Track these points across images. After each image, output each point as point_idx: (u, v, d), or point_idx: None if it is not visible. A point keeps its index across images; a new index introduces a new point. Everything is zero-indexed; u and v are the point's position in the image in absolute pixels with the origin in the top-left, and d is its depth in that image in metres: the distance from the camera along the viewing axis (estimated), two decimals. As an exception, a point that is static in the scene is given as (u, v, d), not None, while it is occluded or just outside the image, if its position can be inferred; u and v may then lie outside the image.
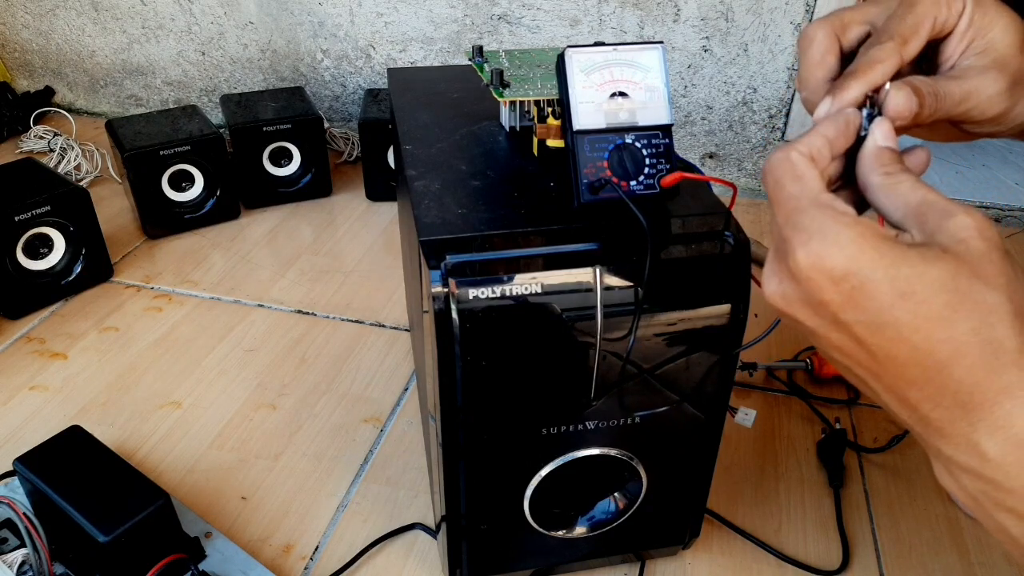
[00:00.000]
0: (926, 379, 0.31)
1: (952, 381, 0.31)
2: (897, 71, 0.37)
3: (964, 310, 0.30)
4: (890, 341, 0.31)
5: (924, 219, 0.32)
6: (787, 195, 0.33)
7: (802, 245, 0.32)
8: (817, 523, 0.65)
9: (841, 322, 0.32)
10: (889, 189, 0.34)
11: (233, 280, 0.97)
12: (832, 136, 0.35)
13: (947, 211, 0.31)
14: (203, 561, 0.59)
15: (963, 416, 0.31)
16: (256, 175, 1.10)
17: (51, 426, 0.74)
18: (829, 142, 0.35)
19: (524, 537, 0.54)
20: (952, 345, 0.30)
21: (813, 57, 0.39)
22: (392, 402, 0.78)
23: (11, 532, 0.59)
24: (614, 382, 0.47)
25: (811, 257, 0.31)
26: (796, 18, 1.05)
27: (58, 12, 1.35)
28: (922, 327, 0.30)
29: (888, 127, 0.35)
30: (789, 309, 0.34)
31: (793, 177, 0.34)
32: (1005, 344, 0.30)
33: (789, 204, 0.33)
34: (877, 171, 0.34)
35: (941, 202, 0.32)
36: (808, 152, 0.34)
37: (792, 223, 0.32)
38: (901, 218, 0.33)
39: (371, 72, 1.27)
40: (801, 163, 0.34)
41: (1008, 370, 0.30)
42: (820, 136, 0.35)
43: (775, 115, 1.13)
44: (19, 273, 0.88)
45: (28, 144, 1.27)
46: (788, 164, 0.34)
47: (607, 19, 1.12)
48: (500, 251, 0.44)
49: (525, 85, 0.54)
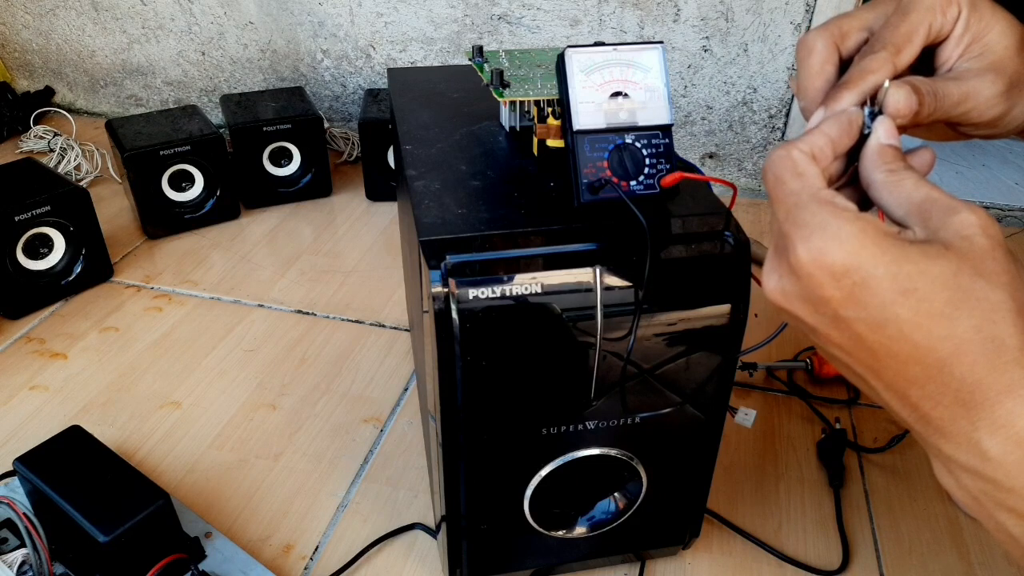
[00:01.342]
0: (927, 377, 0.31)
1: (953, 379, 0.30)
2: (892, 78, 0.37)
3: (966, 308, 0.30)
4: (891, 338, 0.31)
5: (927, 216, 0.32)
6: (788, 191, 0.33)
7: (803, 241, 0.31)
8: (817, 523, 0.65)
9: (841, 319, 0.32)
10: (893, 186, 0.33)
11: (233, 280, 0.97)
12: (835, 135, 0.35)
13: (951, 208, 0.31)
14: (203, 561, 0.59)
15: (964, 415, 0.31)
16: (256, 175, 1.10)
17: (51, 426, 0.74)
18: (832, 141, 0.35)
19: (524, 537, 0.54)
20: (953, 343, 0.30)
21: (812, 67, 0.39)
22: (392, 402, 0.78)
23: (11, 532, 0.59)
24: (614, 382, 0.47)
25: (812, 253, 0.31)
26: (796, 18, 1.05)
27: (58, 12, 1.35)
28: (923, 324, 0.30)
29: (891, 125, 0.35)
30: (789, 306, 0.33)
31: (794, 174, 0.33)
32: (1007, 342, 0.30)
33: (789, 200, 0.33)
34: (880, 168, 0.34)
35: (945, 199, 0.32)
36: (810, 150, 0.34)
37: (793, 219, 0.32)
38: (904, 215, 0.33)
39: (371, 72, 1.27)
40: (802, 160, 0.34)
41: (1010, 368, 0.30)
42: (823, 135, 0.35)
43: (775, 115, 1.13)
44: (19, 273, 0.88)
45: (28, 144, 1.27)
46: (789, 161, 0.34)
47: (607, 19, 1.12)
48: (500, 251, 0.44)
49: (525, 85, 0.54)
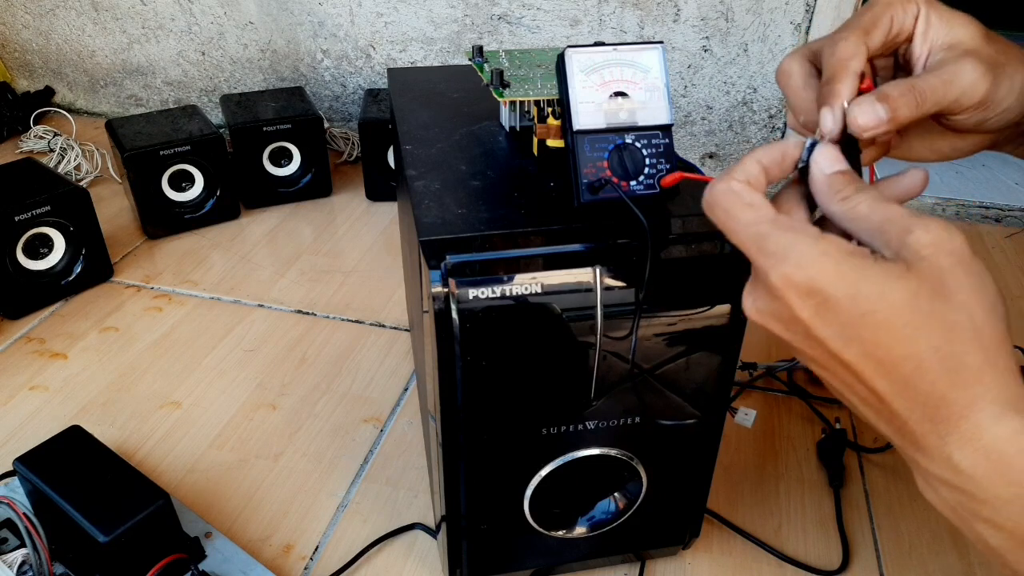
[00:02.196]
0: (895, 392, 0.32)
1: (920, 395, 0.31)
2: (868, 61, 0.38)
3: (925, 328, 0.31)
4: (857, 356, 0.32)
5: (888, 236, 0.32)
6: (744, 223, 0.34)
7: (773, 268, 0.33)
8: (817, 523, 0.65)
9: (813, 336, 0.33)
10: (849, 214, 0.34)
11: (233, 280, 0.97)
12: (767, 163, 0.36)
13: (906, 227, 0.32)
14: (203, 561, 0.59)
15: (933, 429, 0.31)
16: (256, 175, 1.10)
17: (51, 426, 0.74)
18: (764, 168, 0.36)
19: (524, 537, 0.54)
20: (914, 362, 0.31)
21: (797, 83, 0.40)
22: (392, 402, 0.78)
23: (11, 532, 0.59)
24: (614, 382, 0.47)
25: (782, 276, 0.32)
26: (796, 18, 1.05)
27: (58, 12, 1.35)
28: (883, 343, 0.31)
29: (830, 151, 0.36)
30: (764, 323, 0.35)
31: (743, 206, 0.34)
32: (966, 360, 0.30)
33: (749, 231, 0.34)
34: (833, 200, 0.35)
35: (900, 218, 0.32)
36: (746, 179, 0.35)
37: (761, 249, 0.33)
38: (869, 239, 0.33)
39: (371, 72, 1.27)
40: (746, 192, 0.35)
41: (971, 385, 0.30)
42: (754, 163, 0.36)
43: (775, 115, 1.13)
44: (19, 273, 0.88)
45: (28, 144, 1.27)
46: (732, 195, 0.35)
47: (607, 19, 1.12)
48: (500, 251, 0.44)
49: (525, 85, 0.54)
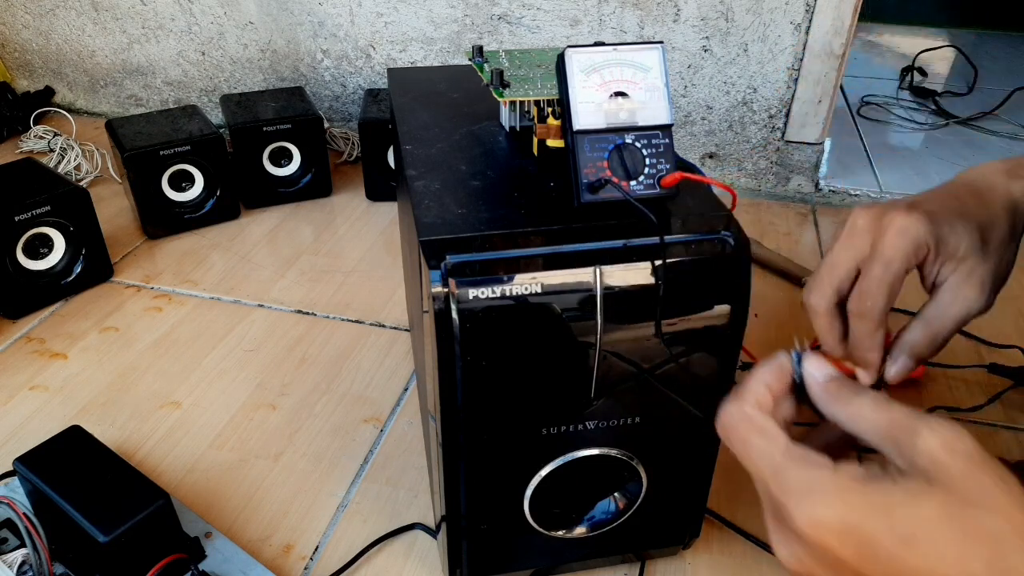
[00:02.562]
0: None
1: None
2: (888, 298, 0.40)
3: (970, 543, 0.30)
4: None
5: (897, 442, 0.32)
6: (759, 453, 0.34)
7: (796, 508, 0.32)
8: (817, 523, 0.65)
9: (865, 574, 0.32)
10: (854, 419, 0.34)
11: (233, 280, 0.97)
12: (770, 381, 0.37)
13: (913, 430, 0.31)
14: (203, 561, 0.59)
15: None
16: (256, 175, 1.10)
17: (51, 426, 0.74)
18: (769, 387, 0.37)
19: (524, 537, 0.54)
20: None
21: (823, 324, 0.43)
22: (392, 402, 0.78)
23: (11, 532, 0.59)
24: (614, 382, 0.47)
25: (807, 519, 0.32)
26: (796, 18, 1.05)
27: (58, 12, 1.35)
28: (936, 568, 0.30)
29: (817, 360, 0.37)
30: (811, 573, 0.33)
31: (758, 432, 0.35)
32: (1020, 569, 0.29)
33: (765, 462, 0.34)
34: (835, 406, 0.35)
35: (906, 420, 0.32)
36: (755, 401, 0.36)
37: (778, 485, 0.33)
38: (878, 443, 0.33)
39: (371, 72, 1.27)
40: (758, 417, 0.35)
41: None
42: (760, 384, 0.37)
43: (775, 115, 1.13)
44: (19, 273, 0.88)
45: (28, 144, 1.28)
46: (747, 422, 0.35)
47: (607, 19, 1.12)
48: (500, 251, 0.44)
49: (525, 85, 0.54)
